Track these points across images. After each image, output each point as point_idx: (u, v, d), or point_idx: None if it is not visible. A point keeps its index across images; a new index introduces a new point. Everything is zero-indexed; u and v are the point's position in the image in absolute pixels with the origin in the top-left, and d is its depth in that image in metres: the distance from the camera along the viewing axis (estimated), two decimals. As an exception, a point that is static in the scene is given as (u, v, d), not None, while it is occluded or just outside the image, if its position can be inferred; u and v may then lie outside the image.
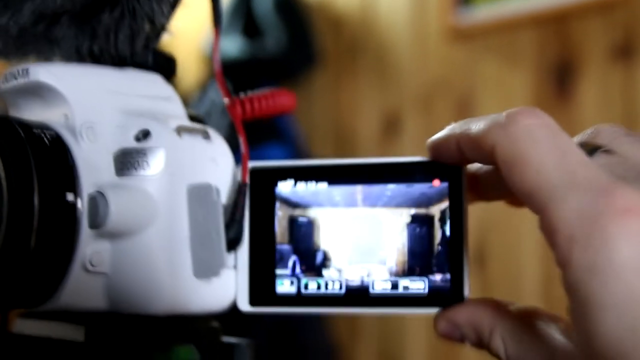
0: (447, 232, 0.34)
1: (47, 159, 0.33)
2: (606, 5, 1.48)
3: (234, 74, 1.87)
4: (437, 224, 0.34)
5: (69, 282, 0.34)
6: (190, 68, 1.96)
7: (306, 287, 0.36)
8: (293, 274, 0.36)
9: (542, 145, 0.29)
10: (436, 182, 0.34)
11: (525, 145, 0.30)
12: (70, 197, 0.33)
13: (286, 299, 0.36)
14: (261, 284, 0.36)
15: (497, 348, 0.32)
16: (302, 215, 0.36)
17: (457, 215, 0.34)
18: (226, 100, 0.39)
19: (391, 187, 0.35)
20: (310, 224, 0.36)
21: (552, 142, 0.30)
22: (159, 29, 0.38)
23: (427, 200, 0.35)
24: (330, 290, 0.35)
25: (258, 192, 0.36)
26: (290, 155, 1.75)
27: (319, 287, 0.35)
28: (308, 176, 0.36)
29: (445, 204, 0.34)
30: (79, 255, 0.34)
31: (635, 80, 1.45)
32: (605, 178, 0.28)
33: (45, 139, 0.34)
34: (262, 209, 0.36)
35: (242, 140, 0.36)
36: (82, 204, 0.33)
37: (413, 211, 0.35)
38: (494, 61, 1.62)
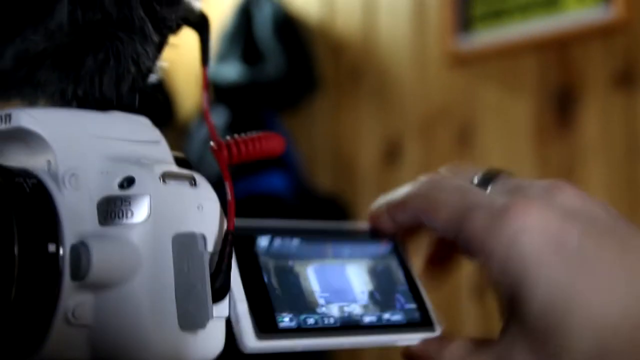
0: (403, 276, 0.42)
1: (28, 207, 0.32)
2: (607, 31, 1.48)
3: (234, 99, 1.87)
4: (394, 269, 0.43)
5: (52, 334, 0.33)
6: (191, 93, 1.96)
7: (305, 321, 0.38)
8: (290, 312, 0.38)
9: (446, 194, 0.38)
10: (384, 243, 0.43)
11: (434, 196, 0.39)
12: (52, 247, 0.32)
13: (289, 332, 0.37)
14: (264, 321, 0.36)
15: None
16: (284, 264, 0.39)
17: (405, 264, 0.43)
18: (212, 143, 0.38)
19: (353, 244, 0.42)
20: (292, 271, 0.39)
21: (452, 189, 0.39)
22: (144, 71, 0.38)
23: (382, 255, 0.43)
24: (327, 322, 0.38)
25: (241, 246, 0.38)
26: (291, 182, 1.74)
27: (316, 322, 0.38)
28: (284, 234, 0.40)
29: (395, 257, 0.43)
30: (61, 308, 0.33)
31: (637, 106, 1.44)
32: (498, 197, 0.37)
33: (26, 187, 0.33)
34: (247, 260, 0.37)
35: (228, 186, 0.35)
36: (64, 255, 0.32)
37: (372, 262, 0.42)
38: (495, 87, 1.61)
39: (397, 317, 0.40)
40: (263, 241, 0.39)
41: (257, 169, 1.65)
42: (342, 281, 0.40)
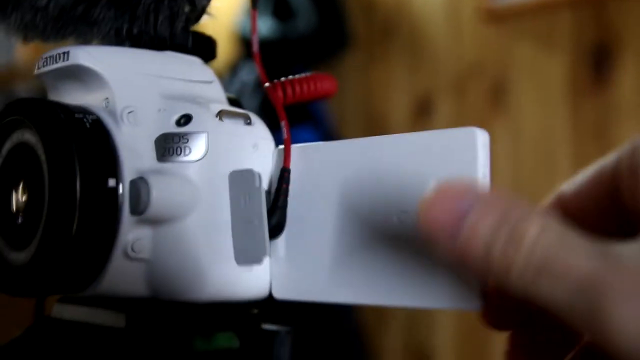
0: None
1: (89, 143, 0.33)
2: (646, -13, 1.45)
3: (264, 55, 1.86)
4: None
5: (110, 268, 0.34)
6: (220, 48, 1.95)
7: None
8: None
9: None
10: None
11: None
12: (112, 182, 0.33)
13: None
14: None
15: None
16: None
17: None
18: (267, 84, 0.38)
19: None
20: None
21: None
22: (199, 10, 0.38)
23: None
24: None
25: None
26: (321, 138, 1.74)
27: None
28: None
29: None
30: (120, 242, 0.33)
31: (675, 64, 1.42)
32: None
33: (86, 122, 0.33)
34: None
35: (284, 125, 0.36)
36: (123, 190, 0.33)
37: None
38: (529, 44, 1.59)
39: None
40: None
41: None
42: None
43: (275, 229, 0.34)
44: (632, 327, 0.23)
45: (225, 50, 1.94)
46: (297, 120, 1.70)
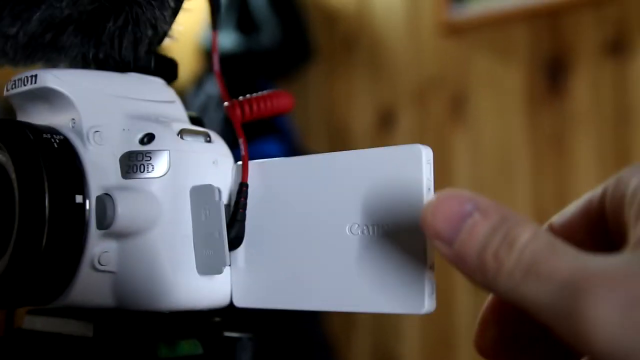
0: None
1: (57, 162, 0.34)
2: (598, 0, 1.50)
3: (229, 69, 1.88)
4: None
5: (78, 280, 0.35)
6: (185, 62, 1.97)
7: None
8: None
9: None
10: None
11: None
12: (79, 199, 0.34)
13: None
14: None
15: None
16: None
17: None
18: (226, 103, 0.40)
19: None
20: None
21: None
22: (160, 34, 0.40)
23: None
24: None
25: None
26: (286, 150, 1.76)
27: None
28: None
29: None
30: (87, 255, 0.35)
31: (627, 75, 1.46)
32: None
33: (54, 142, 0.35)
34: None
35: (241, 142, 0.38)
36: (90, 206, 0.35)
37: None
38: (487, 56, 1.63)
39: None
40: None
41: (253, 137, 1.67)
42: None
43: (235, 241, 0.37)
44: (608, 328, 0.24)
45: (190, 63, 1.96)
46: (262, 133, 1.72)
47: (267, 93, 0.41)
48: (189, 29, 1.83)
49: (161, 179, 0.36)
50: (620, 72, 1.47)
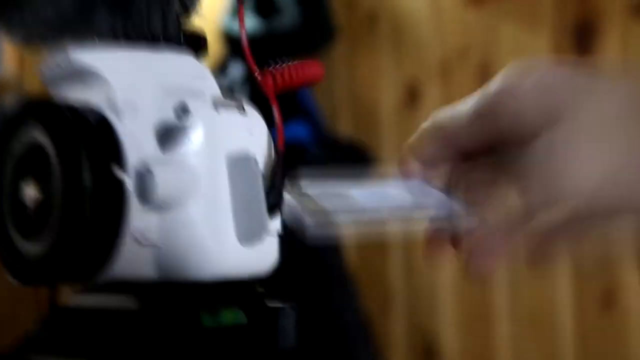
0: None
1: (94, 138, 0.35)
2: (622, -39, 1.47)
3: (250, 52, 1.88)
4: None
5: (121, 254, 0.36)
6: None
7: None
8: None
9: None
10: None
11: None
12: (118, 173, 0.35)
13: None
14: None
15: None
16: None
17: None
18: (257, 73, 0.40)
19: None
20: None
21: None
22: (188, 8, 0.40)
23: None
24: None
25: None
26: (313, 131, 1.76)
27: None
28: None
29: None
30: (129, 228, 0.35)
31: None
32: None
33: (91, 119, 0.35)
34: None
35: (275, 110, 0.38)
36: (129, 180, 0.35)
37: None
38: (512, 24, 1.62)
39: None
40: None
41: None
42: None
43: (273, 208, 0.37)
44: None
45: (212, 49, 1.96)
46: (289, 114, 1.72)
47: (297, 62, 0.41)
48: (210, 14, 1.83)
49: (197, 150, 0.36)
50: (648, 34, 1.45)
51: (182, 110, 0.36)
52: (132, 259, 0.36)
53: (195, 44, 0.42)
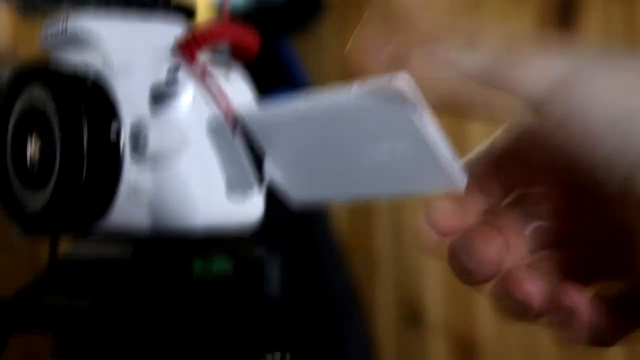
0: None
1: (92, 96, 0.38)
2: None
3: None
4: None
5: (116, 206, 0.39)
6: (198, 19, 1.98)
7: None
8: None
9: None
10: None
11: None
12: (114, 127, 0.38)
13: None
14: None
15: None
16: None
17: None
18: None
19: None
20: None
21: None
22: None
23: None
24: None
25: None
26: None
27: None
28: None
29: None
30: (124, 181, 0.38)
31: (638, 16, 1.47)
32: None
33: (88, 78, 0.38)
34: None
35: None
36: (124, 134, 0.38)
37: None
38: (498, 1, 1.64)
39: None
40: None
41: (269, 89, 1.69)
42: None
43: (257, 161, 0.39)
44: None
45: (204, 19, 1.96)
46: (277, 84, 1.74)
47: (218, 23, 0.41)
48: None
49: (187, 107, 0.39)
50: (632, 12, 1.47)
51: (175, 69, 0.39)
52: (126, 211, 0.39)
53: (187, 12, 0.45)
